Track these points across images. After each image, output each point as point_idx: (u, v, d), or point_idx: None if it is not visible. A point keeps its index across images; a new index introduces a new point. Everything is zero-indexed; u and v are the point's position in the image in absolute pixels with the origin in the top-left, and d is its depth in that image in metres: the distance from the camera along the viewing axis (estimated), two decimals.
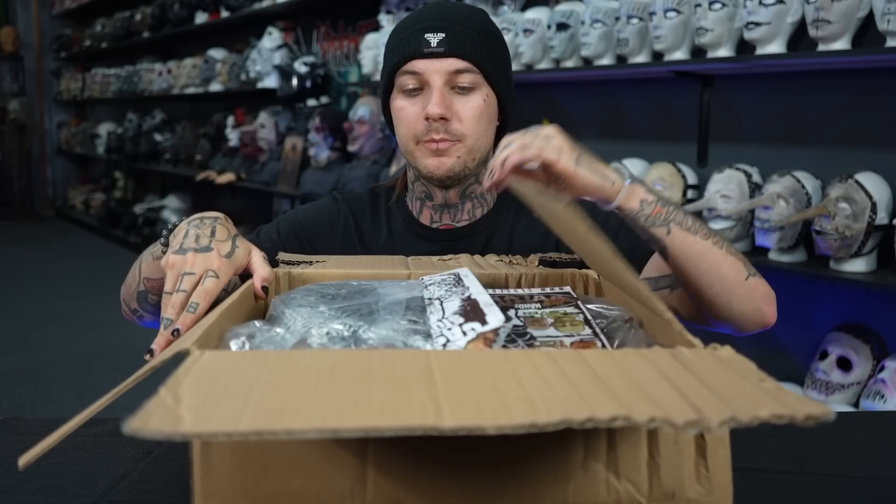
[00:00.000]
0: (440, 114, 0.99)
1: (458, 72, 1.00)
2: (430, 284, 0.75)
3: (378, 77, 2.87)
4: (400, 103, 1.03)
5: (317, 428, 0.39)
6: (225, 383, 0.46)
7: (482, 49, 1.01)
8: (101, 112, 6.89)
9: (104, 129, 6.38)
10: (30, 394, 2.83)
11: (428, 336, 0.63)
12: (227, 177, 4.34)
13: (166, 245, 0.84)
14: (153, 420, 0.40)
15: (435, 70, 1.00)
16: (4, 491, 0.72)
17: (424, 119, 1.00)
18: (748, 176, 2.05)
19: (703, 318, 0.92)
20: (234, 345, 0.64)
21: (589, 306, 0.72)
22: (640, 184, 0.83)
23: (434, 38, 1.00)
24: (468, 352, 0.53)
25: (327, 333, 0.66)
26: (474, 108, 1.01)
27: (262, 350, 0.63)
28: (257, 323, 0.68)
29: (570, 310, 0.71)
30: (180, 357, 0.54)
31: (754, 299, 0.87)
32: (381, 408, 0.42)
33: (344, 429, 0.39)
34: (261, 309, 0.80)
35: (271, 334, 0.66)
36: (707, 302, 0.87)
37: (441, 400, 0.43)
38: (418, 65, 1.01)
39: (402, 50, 1.02)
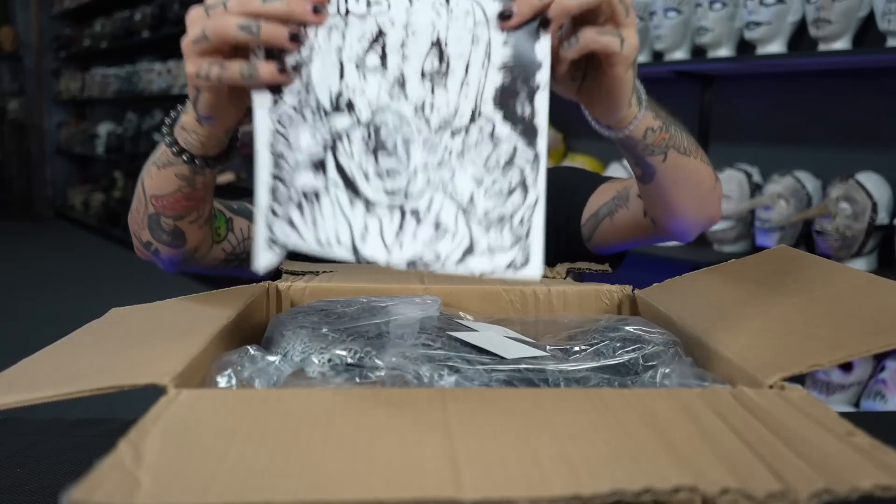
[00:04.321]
0: None
1: None
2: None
3: None
4: None
5: (303, 500, 0.33)
6: (199, 435, 0.39)
7: None
8: (101, 112, 6.88)
9: (104, 128, 6.38)
10: None
11: (445, 365, 0.57)
12: (227, 177, 4.34)
13: (173, 142, 0.70)
14: (103, 488, 0.34)
15: None
16: (4, 491, 0.72)
17: None
18: (748, 176, 2.05)
19: (656, 231, 0.88)
20: (221, 380, 0.56)
21: (627, 328, 0.65)
22: (650, 109, 0.73)
23: None
24: (492, 393, 0.47)
25: (329, 361, 0.58)
26: None
27: (250, 389, 0.55)
28: (251, 349, 0.59)
29: None
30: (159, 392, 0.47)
31: (718, 201, 0.85)
32: (386, 471, 0.35)
33: (338, 501, 0.33)
34: (262, 326, 0.69)
35: (264, 364, 0.58)
36: (679, 213, 0.82)
37: (460, 460, 0.36)
38: None
39: None
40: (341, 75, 0.54)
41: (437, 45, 0.54)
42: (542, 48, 0.53)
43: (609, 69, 0.59)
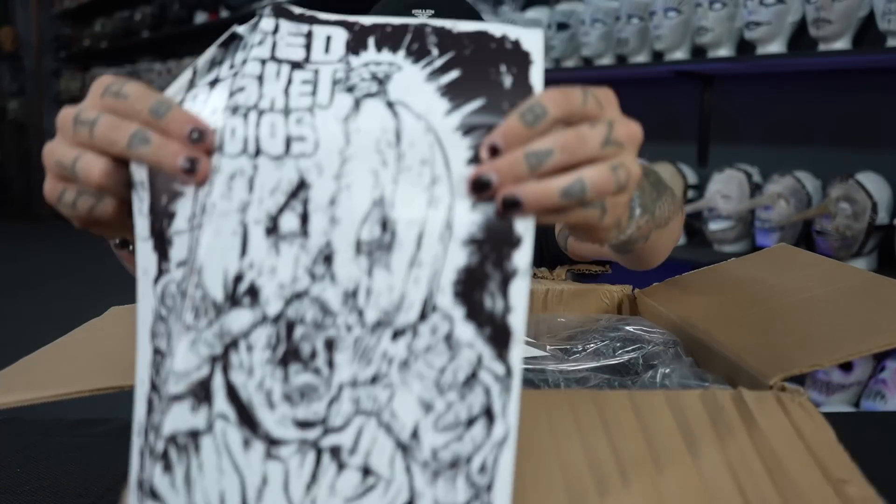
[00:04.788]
0: None
1: None
2: None
3: None
4: None
5: None
6: None
7: None
8: None
9: None
10: None
11: None
12: None
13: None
14: None
15: None
16: (4, 491, 0.72)
17: None
18: (748, 176, 2.05)
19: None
20: None
21: (627, 328, 0.64)
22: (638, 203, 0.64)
23: (423, 15, 0.93)
24: None
25: None
26: None
27: None
28: None
29: None
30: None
31: (677, 239, 0.82)
32: None
33: None
34: None
35: None
36: (649, 265, 0.79)
37: None
38: None
39: None
40: (243, 249, 0.39)
41: (380, 205, 0.39)
42: (524, 219, 0.38)
43: (591, 235, 0.44)
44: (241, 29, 0.43)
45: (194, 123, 0.40)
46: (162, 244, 0.40)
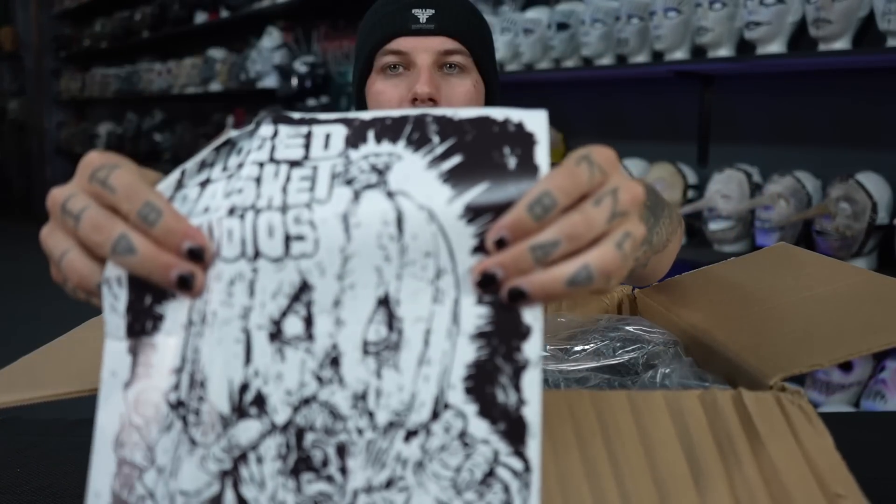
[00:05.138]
0: (429, 93, 0.87)
1: (448, 52, 0.91)
2: None
3: None
4: (379, 86, 0.92)
5: None
6: None
7: (474, 31, 0.94)
8: (101, 112, 6.88)
9: (104, 128, 6.38)
10: None
11: None
12: None
13: None
14: None
15: (423, 49, 0.90)
16: (4, 491, 0.72)
17: (411, 101, 0.88)
18: (748, 176, 2.05)
19: None
20: None
21: (627, 328, 0.64)
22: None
23: (423, 14, 0.90)
24: None
25: None
26: (464, 92, 0.91)
27: None
28: None
29: None
30: None
31: (676, 253, 0.81)
32: None
33: None
34: None
35: None
36: (649, 282, 0.80)
37: None
38: (404, 43, 0.90)
39: (386, 27, 0.91)
40: (247, 356, 0.38)
41: (386, 304, 0.38)
42: (531, 308, 0.37)
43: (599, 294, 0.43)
44: (234, 134, 0.42)
45: (192, 237, 0.38)
46: (141, 347, 0.38)
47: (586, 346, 0.63)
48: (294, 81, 3.90)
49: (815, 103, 2.09)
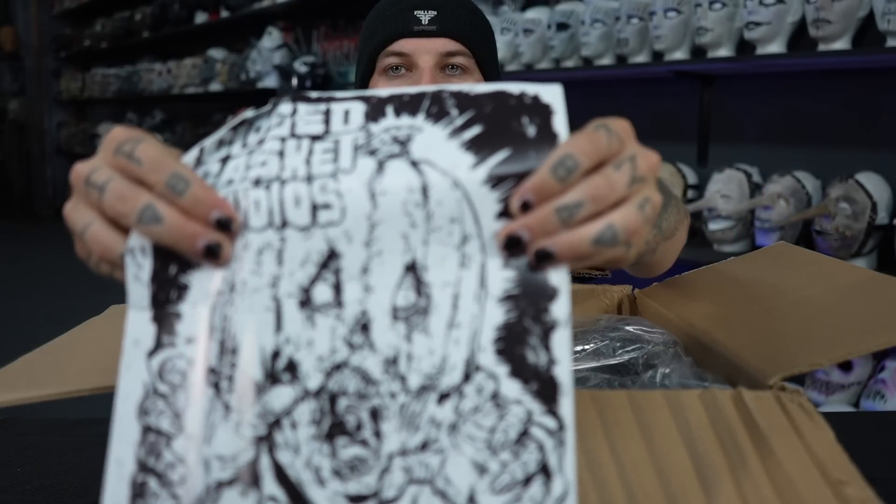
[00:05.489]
0: None
1: (450, 54, 0.91)
2: None
3: None
4: (382, 88, 0.93)
5: None
6: None
7: (476, 32, 0.94)
8: (101, 112, 6.88)
9: (104, 129, 6.38)
10: None
11: None
12: None
13: None
14: None
15: (425, 50, 0.91)
16: (4, 491, 0.72)
17: None
18: (748, 176, 2.05)
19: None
20: None
21: (627, 328, 0.64)
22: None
23: (425, 16, 0.91)
24: None
25: None
26: None
27: None
28: None
29: None
30: None
31: (683, 244, 0.82)
32: None
33: None
34: None
35: None
36: (657, 273, 0.81)
37: None
38: (406, 44, 0.91)
39: (388, 28, 0.92)
40: (278, 324, 0.38)
41: (413, 269, 0.38)
42: (557, 270, 0.38)
43: (612, 265, 0.45)
44: (250, 114, 0.42)
45: (220, 207, 0.38)
46: (165, 317, 0.39)
47: (586, 346, 0.63)
48: (294, 81, 3.90)
49: (815, 103, 2.09)
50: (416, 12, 0.91)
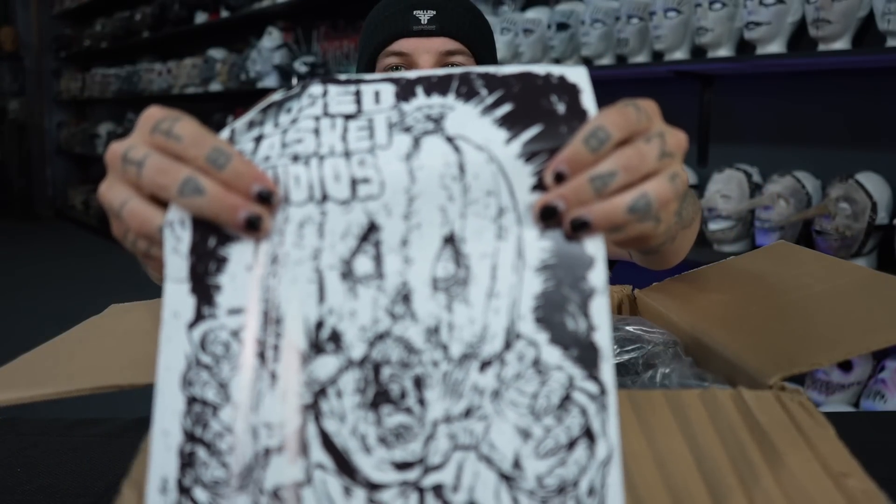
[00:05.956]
0: None
1: (450, 53, 0.92)
2: None
3: None
4: None
5: None
6: None
7: (475, 31, 0.94)
8: (101, 112, 6.88)
9: (104, 129, 6.38)
10: None
11: None
12: None
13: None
14: None
15: (425, 50, 0.91)
16: (4, 491, 0.72)
17: None
18: (748, 176, 2.05)
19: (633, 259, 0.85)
20: None
21: (627, 328, 0.64)
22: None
23: (424, 16, 0.91)
24: None
25: None
26: None
27: None
28: None
29: None
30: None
31: (695, 236, 0.82)
32: None
33: None
34: None
35: None
36: (669, 265, 0.80)
37: None
38: (406, 44, 0.91)
39: (388, 28, 0.92)
40: (321, 295, 0.39)
41: (451, 241, 0.39)
42: (593, 239, 0.39)
43: (642, 245, 0.45)
44: (278, 95, 0.43)
45: (261, 180, 0.38)
46: (204, 289, 0.39)
47: None
48: (294, 81, 3.90)
49: (815, 103, 2.09)
50: (415, 12, 0.92)
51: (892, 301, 0.56)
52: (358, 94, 0.42)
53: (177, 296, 0.39)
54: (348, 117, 0.41)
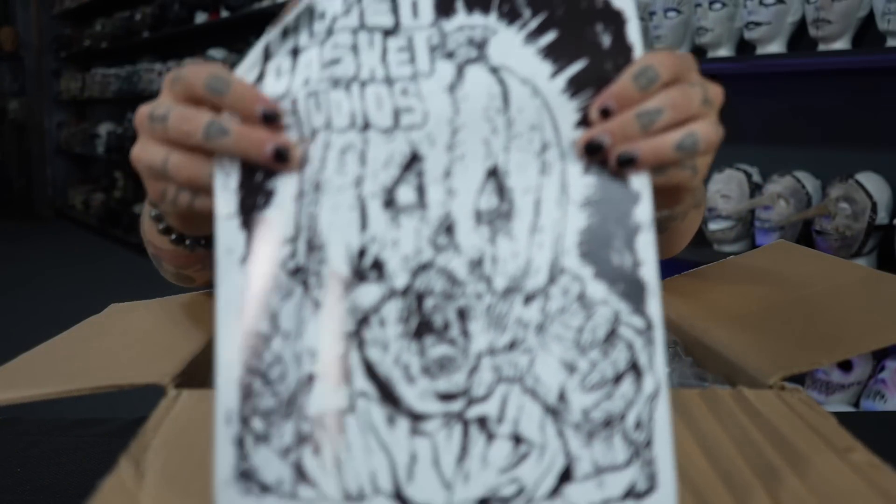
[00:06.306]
0: None
1: None
2: None
3: None
4: None
5: None
6: (200, 444, 0.38)
7: None
8: (101, 112, 6.88)
9: (104, 129, 6.37)
10: None
11: None
12: None
13: (158, 217, 0.57)
14: None
15: None
16: (4, 491, 0.72)
17: None
18: (748, 176, 2.05)
19: None
20: None
21: None
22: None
23: None
24: None
25: None
26: None
27: None
28: None
29: None
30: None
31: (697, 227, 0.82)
32: None
33: None
34: None
35: None
36: (670, 255, 0.80)
37: None
38: None
39: None
40: (363, 223, 0.39)
41: (495, 174, 0.39)
42: (639, 175, 0.39)
43: (674, 197, 0.47)
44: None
45: (263, 102, 0.39)
46: (254, 222, 0.39)
47: None
48: None
49: (815, 103, 2.09)
50: None
51: (893, 301, 0.56)
52: (395, 2, 0.41)
53: (228, 232, 0.39)
54: (387, 33, 0.40)
